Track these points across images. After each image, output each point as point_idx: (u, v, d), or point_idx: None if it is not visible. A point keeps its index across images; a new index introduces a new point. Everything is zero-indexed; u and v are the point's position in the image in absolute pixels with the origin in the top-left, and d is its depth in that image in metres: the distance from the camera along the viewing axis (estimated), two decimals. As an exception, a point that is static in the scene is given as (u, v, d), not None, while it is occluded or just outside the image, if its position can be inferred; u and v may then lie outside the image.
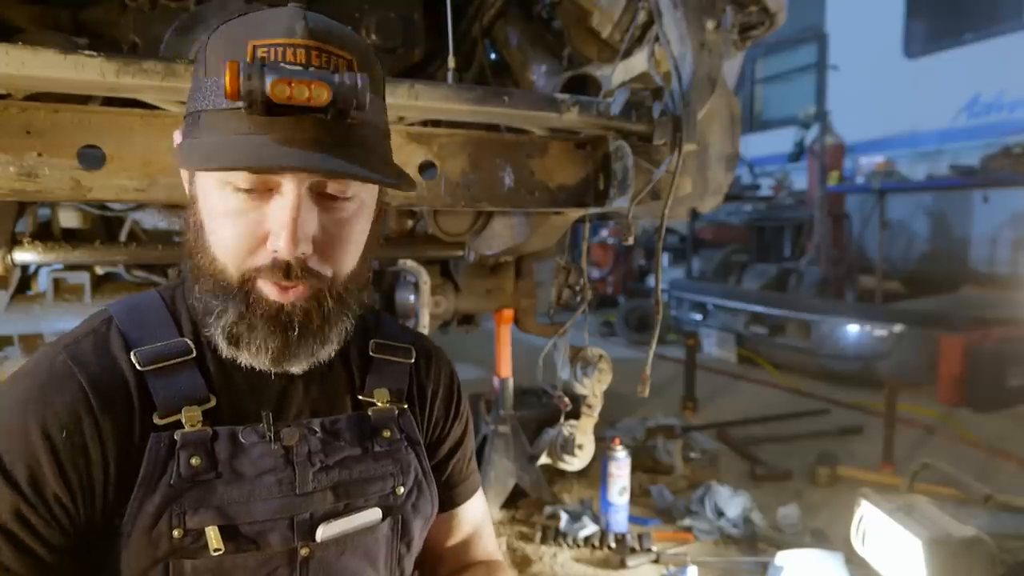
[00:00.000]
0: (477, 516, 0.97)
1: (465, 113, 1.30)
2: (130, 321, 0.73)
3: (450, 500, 0.93)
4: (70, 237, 1.88)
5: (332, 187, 0.67)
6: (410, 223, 2.20)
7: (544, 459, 1.85)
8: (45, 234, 1.86)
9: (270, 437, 0.72)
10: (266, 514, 0.70)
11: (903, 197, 5.77)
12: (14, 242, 1.69)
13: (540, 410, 3.06)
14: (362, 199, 0.71)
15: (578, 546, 2.37)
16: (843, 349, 4.75)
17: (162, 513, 0.66)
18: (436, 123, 1.47)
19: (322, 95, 0.60)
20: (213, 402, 0.71)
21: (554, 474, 2.82)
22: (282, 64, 0.62)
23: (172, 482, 0.67)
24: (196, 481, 0.67)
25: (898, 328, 4.55)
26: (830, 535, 2.38)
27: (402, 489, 0.80)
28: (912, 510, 1.86)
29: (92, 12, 1.54)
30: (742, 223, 7.28)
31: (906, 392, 3.62)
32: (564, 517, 2.47)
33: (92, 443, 0.66)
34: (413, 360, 0.88)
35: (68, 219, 1.95)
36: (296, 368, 0.73)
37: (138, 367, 0.69)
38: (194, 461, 0.68)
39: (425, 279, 2.04)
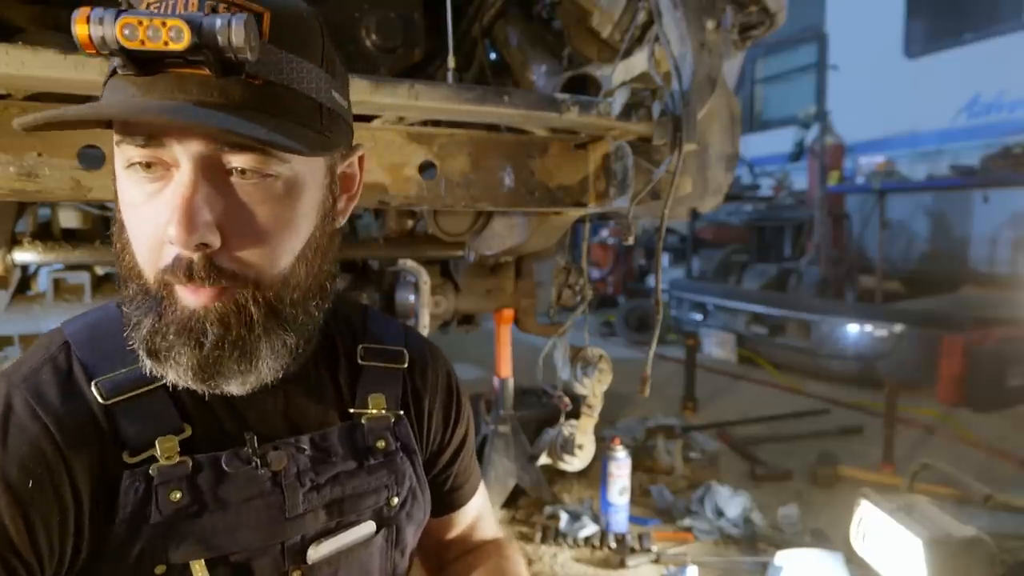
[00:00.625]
0: (478, 506, 0.94)
1: (465, 113, 1.30)
2: (89, 345, 0.65)
3: (455, 502, 0.90)
4: (70, 237, 1.88)
5: (241, 162, 0.56)
6: (410, 223, 2.20)
7: (544, 459, 1.85)
8: (45, 234, 1.86)
9: (256, 463, 0.65)
10: (254, 542, 0.64)
11: (903, 197, 5.77)
12: (14, 242, 1.69)
13: (540, 410, 3.06)
14: (290, 179, 0.59)
15: (578, 546, 2.37)
16: (843, 349, 4.75)
17: (145, 551, 0.60)
18: (436, 123, 1.46)
19: (181, 36, 0.49)
20: (189, 431, 0.64)
21: (554, 474, 2.82)
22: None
23: (153, 521, 0.60)
24: (178, 515, 0.61)
25: (898, 328, 4.55)
26: (830, 535, 2.38)
27: (396, 500, 0.75)
28: (912, 510, 1.86)
29: (92, 12, 1.54)
30: (742, 223, 7.29)
31: (906, 392, 3.62)
32: (564, 517, 2.47)
33: (64, 490, 0.58)
34: (407, 365, 0.81)
35: (68, 219, 1.95)
36: (233, 388, 0.63)
37: (100, 400, 0.62)
38: (174, 496, 0.61)
39: (425, 279, 2.04)
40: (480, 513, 0.95)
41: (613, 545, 2.35)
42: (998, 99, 6.10)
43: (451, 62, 1.47)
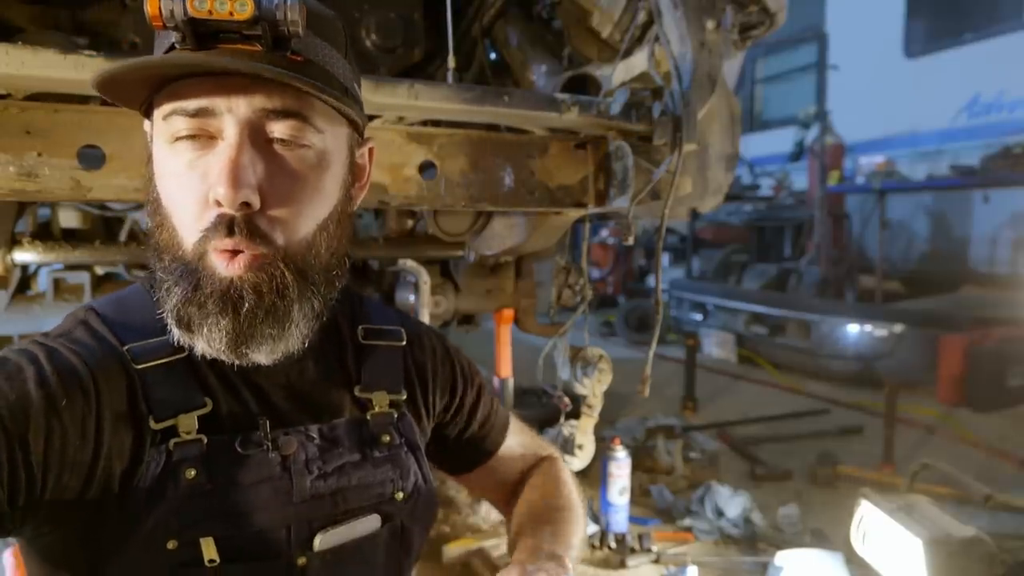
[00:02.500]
0: (514, 444, 0.97)
1: (465, 113, 1.30)
2: (117, 316, 0.70)
3: (486, 450, 0.94)
4: (70, 237, 1.88)
5: (281, 130, 0.61)
6: (410, 223, 2.20)
7: (544, 459, 1.84)
8: (45, 234, 1.86)
9: (267, 446, 0.68)
10: (263, 524, 0.67)
11: (903, 197, 5.77)
12: (14, 242, 1.69)
13: (540, 410, 3.06)
14: (322, 152, 0.65)
15: (578, 546, 2.37)
16: (843, 349, 4.75)
17: (158, 525, 0.63)
18: (436, 123, 1.46)
19: (246, 8, 0.56)
20: (209, 406, 0.67)
21: (554, 474, 2.82)
22: None
23: (168, 495, 0.64)
24: (192, 492, 0.64)
25: (898, 328, 4.56)
26: (830, 535, 2.38)
27: (401, 495, 0.76)
28: (912, 510, 1.86)
29: (92, 12, 1.54)
30: (742, 223, 7.29)
31: (906, 392, 3.62)
32: (564, 517, 2.47)
33: (90, 423, 0.62)
34: (404, 342, 0.84)
35: (68, 219, 1.96)
36: (262, 357, 0.66)
37: (136, 366, 0.66)
38: (190, 474, 0.64)
39: (425, 279, 2.04)
40: (520, 447, 0.98)
41: (613, 545, 2.35)
42: (998, 99, 6.10)
43: (451, 62, 1.47)
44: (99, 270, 2.09)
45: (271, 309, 0.63)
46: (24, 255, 1.68)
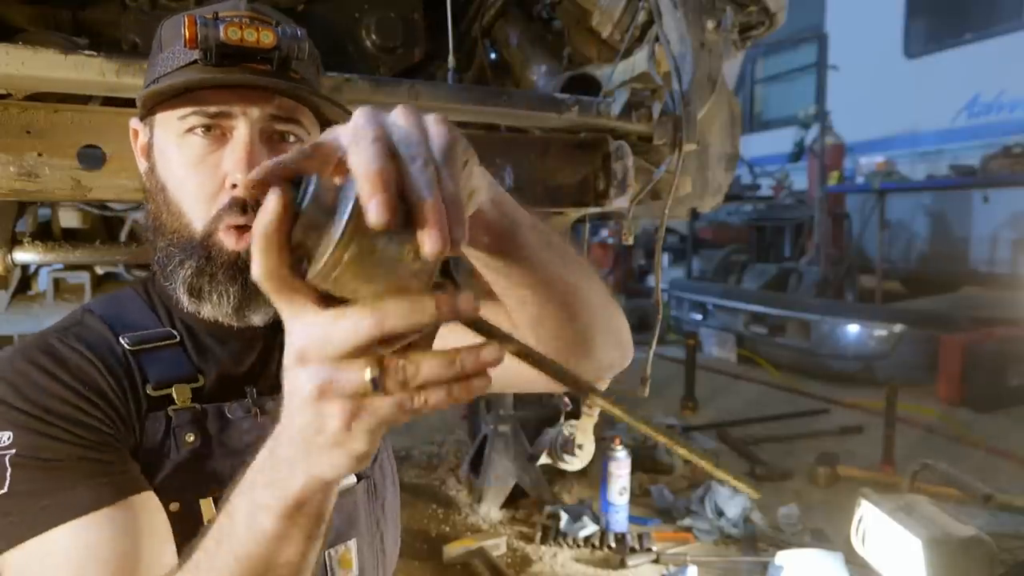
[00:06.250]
0: None
1: (465, 113, 1.30)
2: (111, 314, 0.76)
3: None
4: (70, 237, 1.88)
5: (284, 130, 0.72)
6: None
7: (544, 459, 1.85)
8: (45, 234, 1.86)
9: (256, 412, 0.76)
10: None
11: (903, 197, 5.78)
12: (14, 242, 1.69)
13: (540, 410, 3.06)
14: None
15: (578, 546, 2.37)
16: (843, 349, 4.75)
17: (162, 487, 0.69)
18: (436, 123, 1.46)
19: (269, 37, 0.68)
20: (201, 381, 0.75)
21: (554, 474, 2.82)
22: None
23: (171, 457, 0.70)
24: (191, 456, 0.71)
25: (898, 328, 4.56)
26: (830, 535, 2.38)
27: None
28: (912, 510, 1.86)
29: (92, 12, 1.54)
30: (742, 223, 7.29)
31: (906, 392, 3.62)
32: (564, 517, 2.47)
33: (109, 392, 0.69)
34: None
35: (68, 219, 1.95)
36: (258, 319, 0.75)
37: (128, 347, 0.73)
38: (189, 438, 0.71)
39: (425, 279, 2.03)
40: None
41: (613, 545, 2.35)
42: (998, 99, 6.10)
43: (451, 62, 1.47)
44: (99, 270, 2.09)
45: None
46: (24, 255, 1.68)
